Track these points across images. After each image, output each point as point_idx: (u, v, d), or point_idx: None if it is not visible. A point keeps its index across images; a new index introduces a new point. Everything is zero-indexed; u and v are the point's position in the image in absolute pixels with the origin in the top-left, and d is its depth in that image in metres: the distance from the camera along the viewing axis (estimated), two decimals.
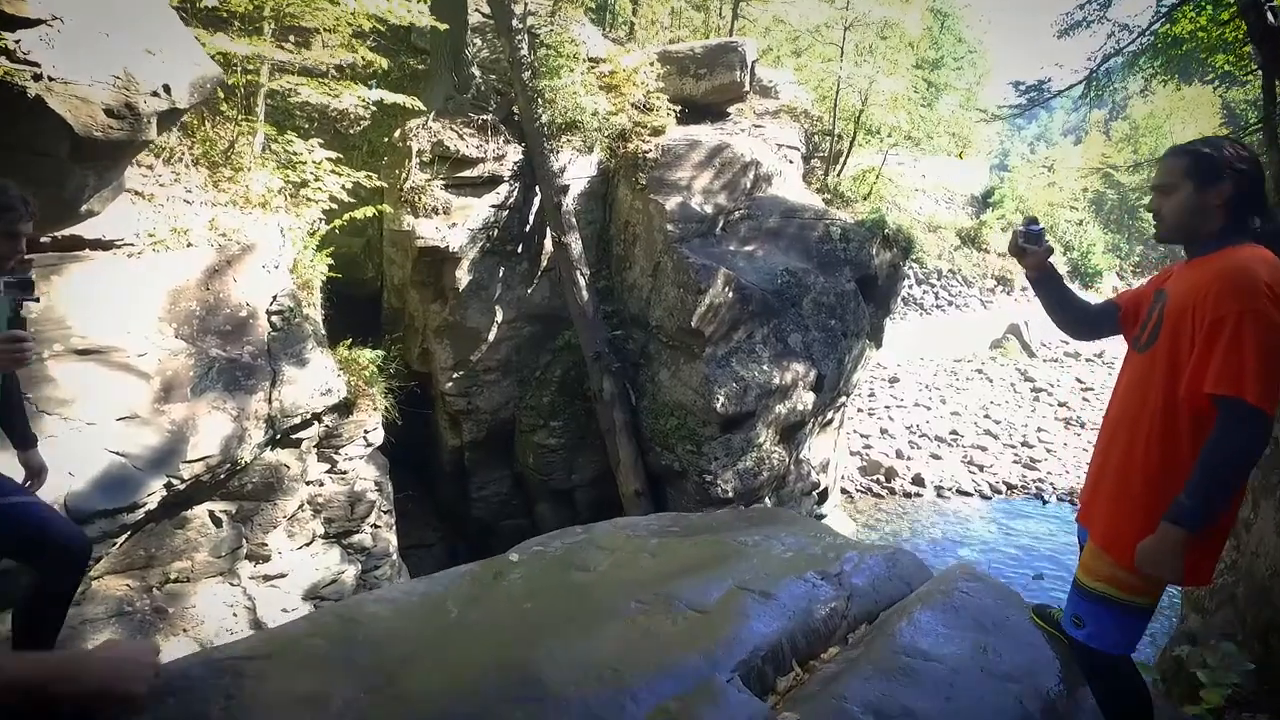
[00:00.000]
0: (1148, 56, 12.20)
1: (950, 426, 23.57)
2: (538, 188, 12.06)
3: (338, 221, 9.97)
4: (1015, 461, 21.70)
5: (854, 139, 17.06)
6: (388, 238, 11.85)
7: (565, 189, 11.87)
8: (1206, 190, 2.29)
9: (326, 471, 8.74)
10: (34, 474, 3.33)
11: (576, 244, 11.95)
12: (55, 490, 5.55)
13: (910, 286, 31.07)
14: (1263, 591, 8.04)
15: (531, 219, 12.36)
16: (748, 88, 14.94)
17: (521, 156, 11.95)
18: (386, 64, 12.81)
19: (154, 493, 6.53)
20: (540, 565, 2.87)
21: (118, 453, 6.38)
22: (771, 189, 13.54)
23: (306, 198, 9.09)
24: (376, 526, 9.43)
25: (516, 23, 11.77)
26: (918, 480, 20.14)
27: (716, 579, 2.65)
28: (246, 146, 9.16)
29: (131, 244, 6.93)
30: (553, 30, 12.75)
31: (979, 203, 38.05)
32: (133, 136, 5.21)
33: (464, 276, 11.79)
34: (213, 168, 8.60)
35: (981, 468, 21.11)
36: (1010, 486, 20.31)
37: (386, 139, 11.81)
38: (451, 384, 12.33)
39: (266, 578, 8.04)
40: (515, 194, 12.04)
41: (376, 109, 12.96)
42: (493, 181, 11.79)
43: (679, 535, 3.14)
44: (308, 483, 8.50)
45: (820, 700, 2.41)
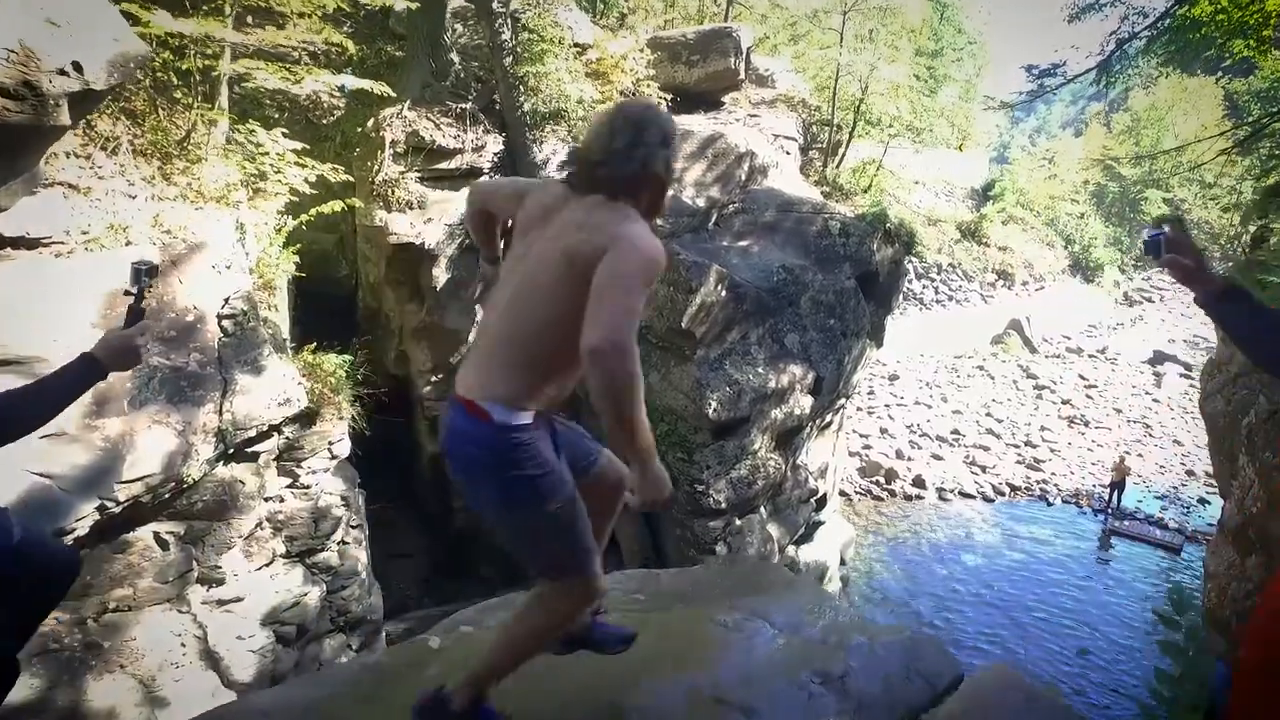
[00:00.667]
0: (1163, 42, 11.60)
1: (951, 425, 23.01)
2: None
3: (305, 217, 9.34)
4: (1018, 462, 21.15)
5: (854, 129, 16.43)
6: (361, 234, 11.23)
7: None
8: None
9: (287, 486, 8.11)
10: None
11: None
12: None
13: (910, 281, 30.42)
14: None
15: None
16: (742, 75, 14.30)
17: (502, 147, 11.31)
18: (355, 49, 12.16)
19: (84, 517, 5.91)
20: (464, 654, 2.28)
21: (41, 474, 5.74)
22: (767, 181, 12.93)
23: (266, 191, 8.44)
24: (344, 543, 8.82)
25: (498, 5, 11.13)
26: (918, 482, 19.58)
27: (685, 685, 2.06)
28: (207, 137, 8.53)
29: (61, 242, 6.31)
30: (536, 14, 12.08)
31: (979, 195, 37.40)
32: (38, 121, 4.59)
33: (442, 275, 11.16)
34: (165, 159, 7.96)
35: (984, 469, 20.56)
36: (1014, 488, 19.78)
37: (360, 129, 11.17)
38: (430, 388, 11.72)
39: (220, 602, 7.43)
40: None
41: (352, 98, 12.36)
42: (472, 174, 11.14)
43: (643, 607, 2.55)
44: (266, 499, 7.88)
45: None
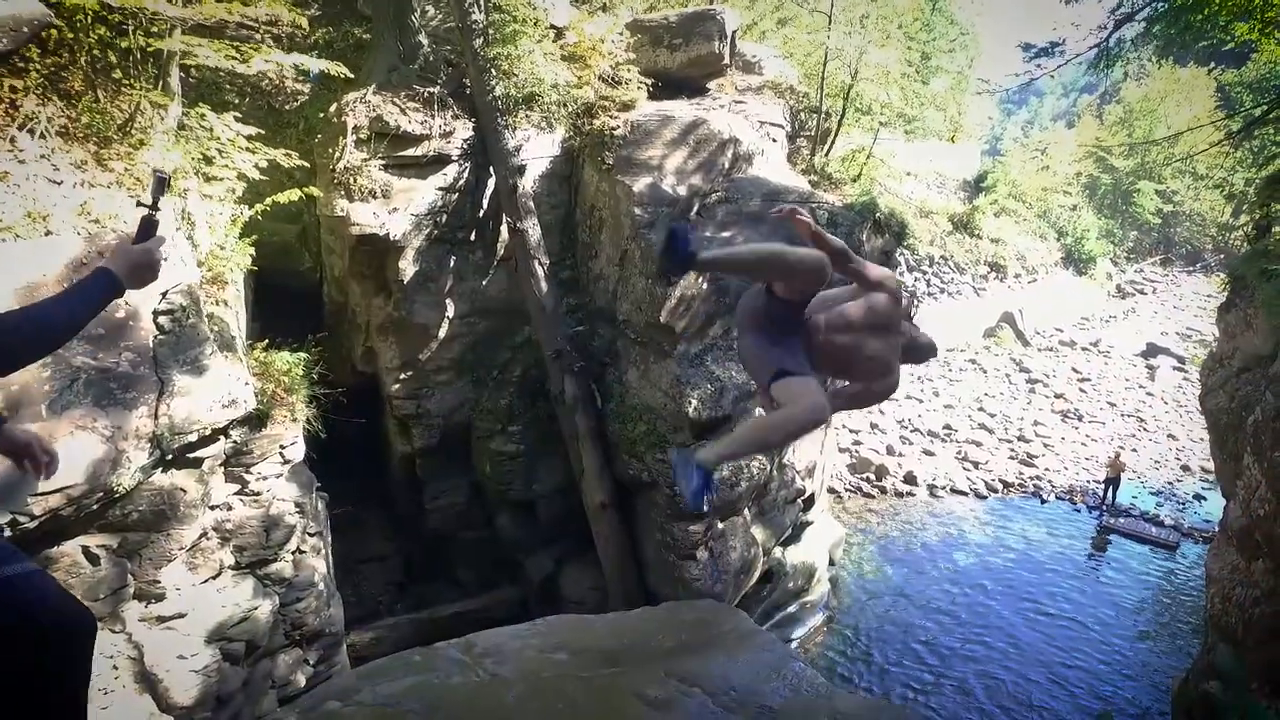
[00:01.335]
0: (1163, 24, 11.15)
1: (943, 420, 22.60)
2: (491, 168, 10.90)
3: (260, 206, 8.82)
4: (1011, 457, 20.75)
5: (843, 116, 15.93)
6: (324, 225, 10.69)
7: (521, 169, 10.72)
8: None
9: (236, 494, 7.61)
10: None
11: (534, 230, 10.81)
12: None
13: (901, 274, 29.98)
14: None
15: (485, 203, 11.21)
16: (727, 60, 13.76)
17: (472, 134, 10.77)
18: (320, 31, 11.65)
19: None
20: None
21: None
22: (752, 169, 12.40)
23: (210, 176, 7.90)
24: (300, 552, 8.32)
25: None
26: (910, 478, 19.16)
27: None
28: (154, 121, 7.98)
29: None
30: None
31: (971, 187, 36.92)
32: None
33: (409, 267, 10.64)
34: (104, 144, 7.41)
35: (976, 464, 20.15)
36: (1006, 484, 19.37)
37: (322, 114, 10.62)
38: (398, 386, 11.20)
39: (160, 619, 6.93)
40: (465, 175, 10.88)
41: (317, 82, 11.82)
42: (439, 161, 10.62)
43: (561, 671, 2.07)
44: (212, 507, 7.39)
45: None
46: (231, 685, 7.34)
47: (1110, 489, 18.37)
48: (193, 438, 6.79)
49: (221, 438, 7.22)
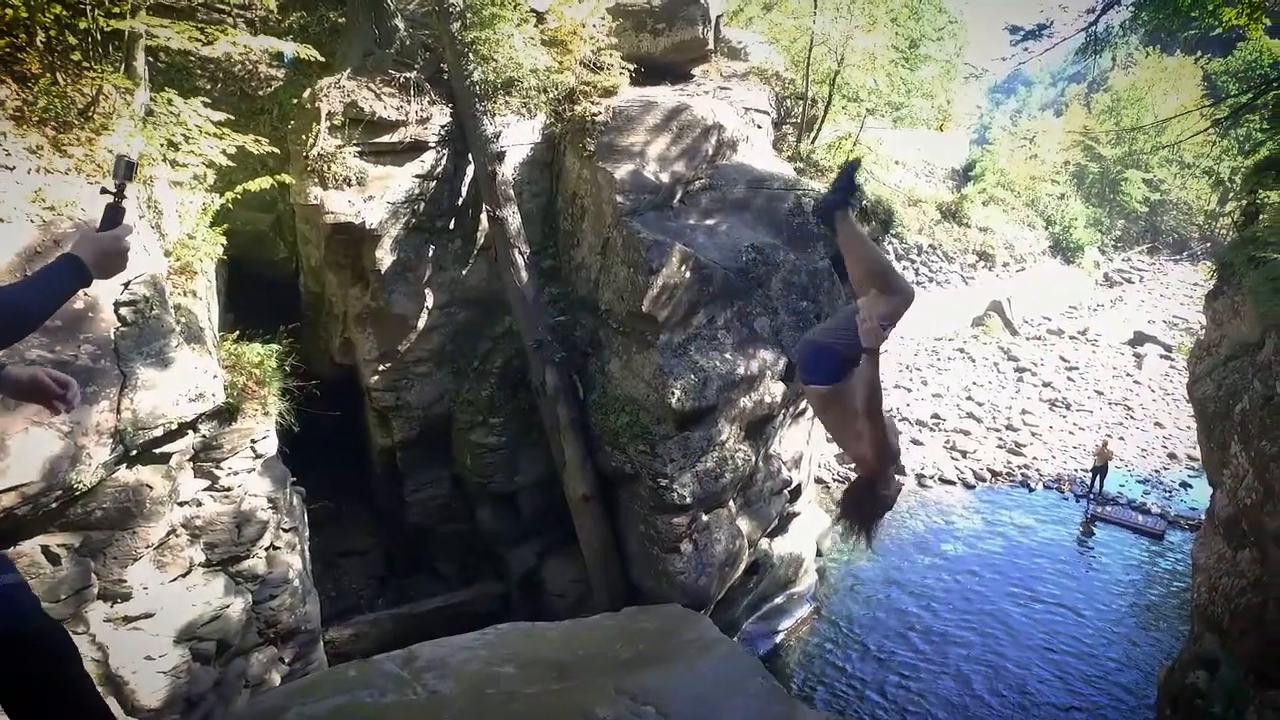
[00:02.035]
0: (1151, 9, 11.02)
1: (932, 409, 22.53)
2: (470, 155, 10.68)
3: (230, 194, 8.59)
4: (999, 446, 20.71)
5: (829, 102, 15.76)
6: (299, 213, 10.44)
7: (501, 156, 10.50)
8: None
9: (205, 489, 7.42)
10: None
11: (514, 218, 10.60)
12: None
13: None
14: None
15: (464, 191, 10.99)
16: (711, 45, 13.57)
17: (450, 120, 10.54)
18: (295, 15, 11.40)
19: None
20: None
21: None
22: (737, 156, 12.22)
23: (177, 163, 7.66)
24: (274, 549, 8.13)
25: None
26: (898, 469, 19.02)
27: None
28: (119, 105, 7.74)
29: None
30: None
31: (960, 176, 36.87)
32: None
33: (386, 257, 10.43)
34: (63, 128, 7.17)
35: (964, 453, 20.09)
36: (995, 474, 19.33)
37: (296, 100, 10.37)
38: (377, 377, 11.00)
39: (127, 619, 6.74)
40: (444, 162, 10.65)
41: (293, 68, 11.55)
42: (416, 148, 10.39)
43: (507, 687, 1.91)
44: (180, 504, 7.19)
45: None
46: (202, 686, 7.16)
47: (1097, 477, 18.35)
48: (158, 432, 6.58)
49: (190, 432, 7.02)
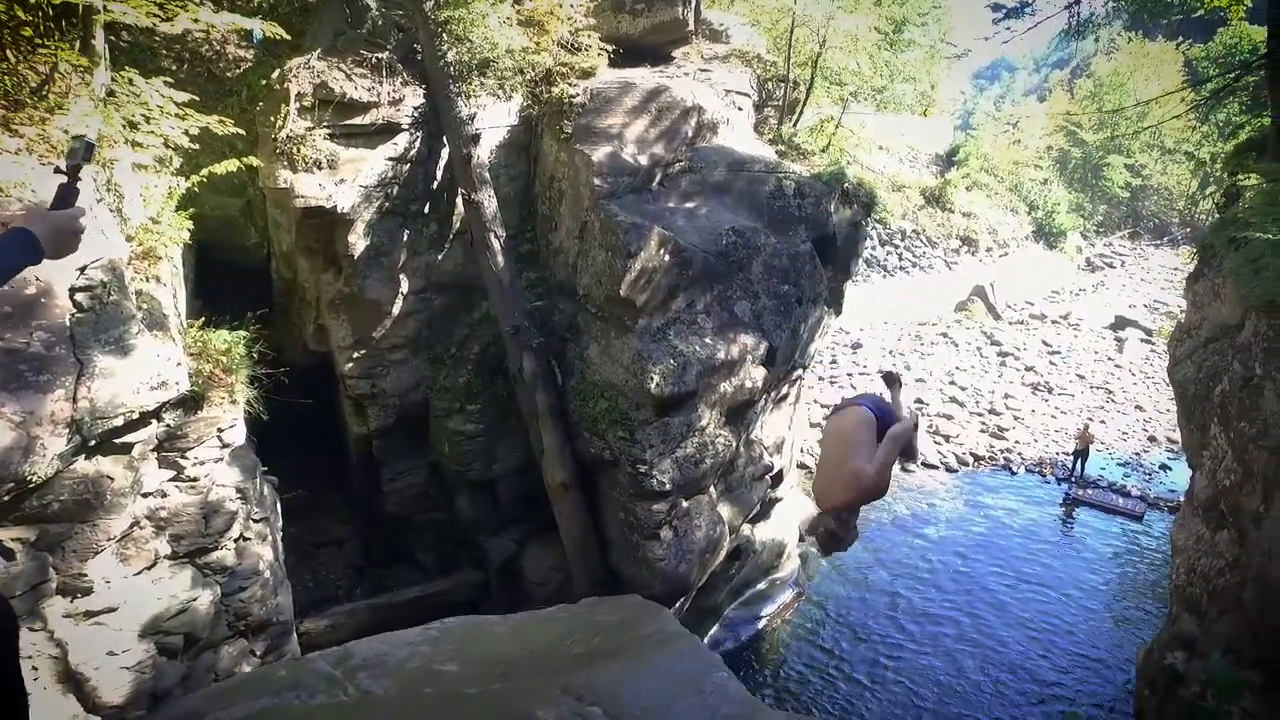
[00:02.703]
0: None
1: (915, 394, 22.51)
2: (444, 137, 10.46)
3: (196, 177, 8.36)
4: (982, 431, 20.75)
5: (811, 85, 15.56)
6: (269, 197, 10.19)
7: (476, 138, 10.28)
8: None
9: (170, 480, 7.23)
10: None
11: (490, 202, 10.40)
12: None
13: (873, 247, 29.84)
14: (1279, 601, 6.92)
15: (438, 174, 10.78)
16: (691, 26, 13.35)
17: (423, 101, 10.31)
18: None
19: None
20: None
21: None
22: (717, 139, 12.04)
23: (137, 143, 7.42)
24: (244, 540, 7.96)
25: None
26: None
27: None
28: (81, 84, 7.50)
29: None
30: None
31: (944, 161, 36.81)
32: None
33: (359, 241, 10.21)
34: (15, 107, 6.93)
35: (948, 438, 20.12)
36: (977, 458, 19.37)
37: (264, 81, 10.10)
38: (352, 364, 10.80)
39: (88, 614, 6.55)
40: (418, 145, 10.43)
41: (263, 49, 11.26)
42: (388, 130, 10.16)
43: (440, 687, 1.77)
44: (144, 495, 7.00)
45: None
46: (169, 680, 6.99)
47: (1079, 460, 18.42)
48: (118, 422, 6.38)
49: (152, 421, 6.82)
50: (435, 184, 10.81)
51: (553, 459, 10.32)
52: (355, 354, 10.77)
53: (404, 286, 10.76)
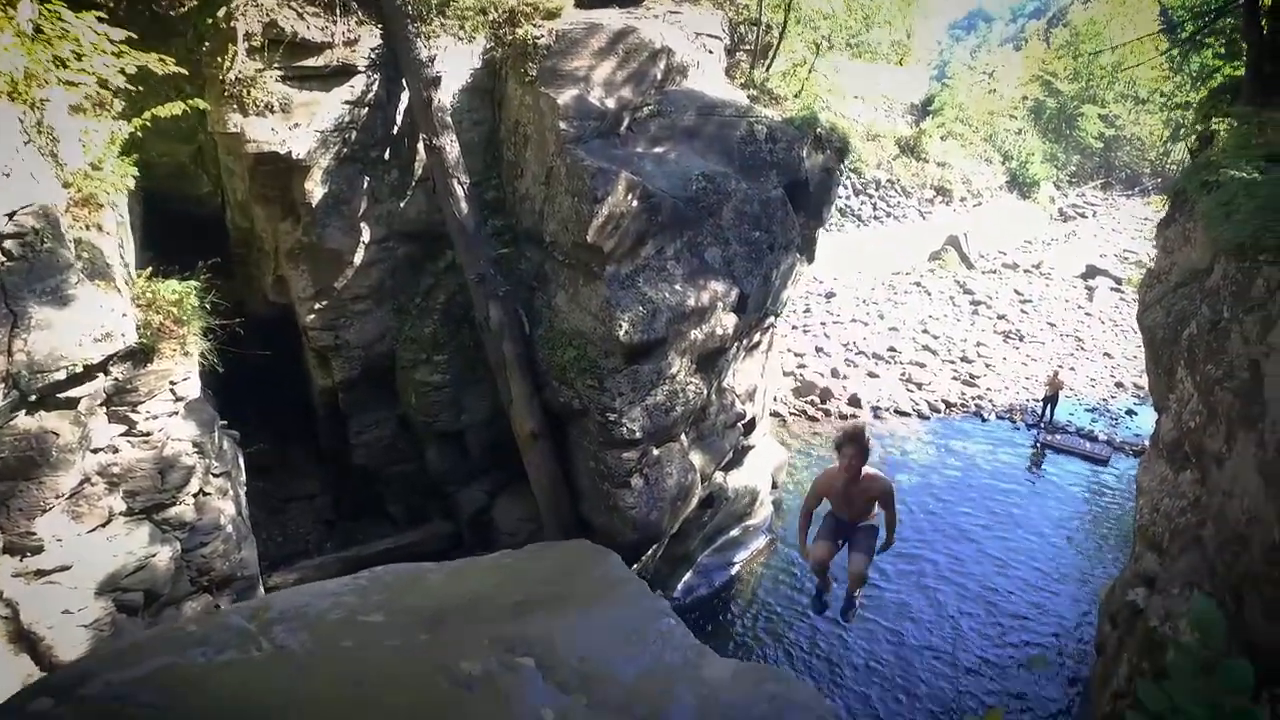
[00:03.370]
0: None
1: (888, 343, 22.61)
2: (404, 80, 10.07)
3: (138, 120, 7.96)
4: (954, 378, 20.89)
5: (784, 28, 15.19)
6: (220, 143, 9.78)
7: (436, 81, 9.91)
8: None
9: (122, 435, 7.01)
10: None
11: (452, 147, 10.08)
12: None
13: (847, 197, 29.64)
14: (1238, 539, 7.00)
15: (398, 119, 10.40)
16: None
17: (380, 42, 9.89)
18: None
19: None
20: None
21: None
22: (687, 82, 11.73)
23: (69, 82, 7.03)
24: (204, 494, 7.78)
25: None
26: (854, 401, 19.17)
27: None
28: (7, 21, 7.05)
29: None
30: None
31: (919, 111, 36.47)
32: None
33: (317, 189, 9.87)
34: None
35: (920, 385, 20.23)
36: (949, 404, 19.53)
37: (211, 20, 9.61)
38: (314, 316, 10.54)
39: (40, 573, 6.39)
40: (375, 88, 10.03)
41: None
42: (344, 72, 9.75)
43: (362, 639, 1.65)
44: (95, 451, 6.78)
45: None
46: (129, 638, 6.86)
47: (1048, 407, 18.62)
48: (60, 376, 6.14)
49: (99, 375, 6.58)
50: (395, 129, 10.45)
51: (521, 409, 10.18)
52: (317, 305, 10.49)
53: (365, 235, 10.45)
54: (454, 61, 10.67)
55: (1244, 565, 6.34)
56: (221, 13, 9.38)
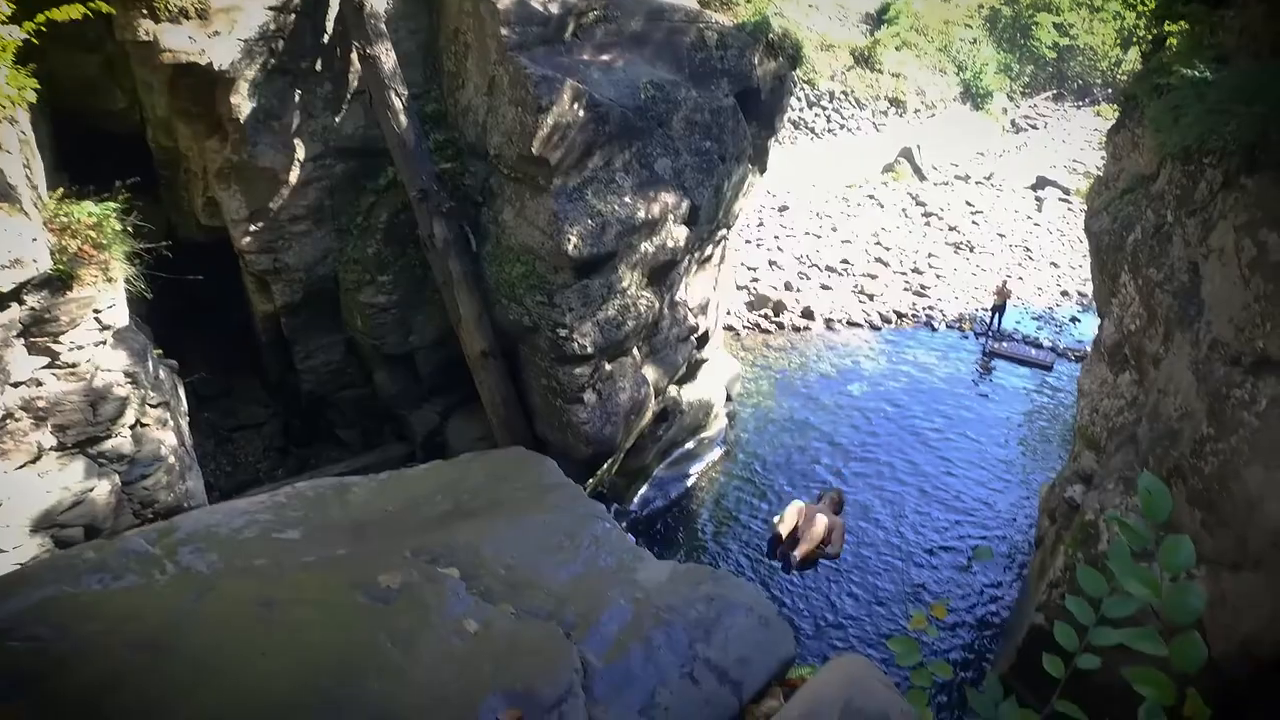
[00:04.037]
0: None
1: (841, 255, 22.64)
2: None
3: (29, 25, 7.30)
4: (905, 289, 21.08)
5: None
6: (133, 54, 9.10)
7: None
8: None
9: (45, 367, 6.68)
10: None
11: (388, 57, 9.54)
12: None
13: (801, 110, 29.11)
14: (1170, 435, 7.24)
15: (329, 27, 9.78)
16: None
17: None
18: None
19: None
20: None
21: None
22: None
23: None
24: (142, 425, 7.54)
25: None
26: (807, 313, 19.26)
27: None
28: None
29: None
30: None
31: (874, 20, 35.63)
32: None
33: (244, 103, 9.30)
34: None
35: (872, 296, 20.39)
36: (900, 315, 19.75)
37: None
38: (249, 239, 10.10)
39: None
40: None
41: None
42: None
43: (275, 558, 1.54)
44: (15, 385, 6.47)
45: None
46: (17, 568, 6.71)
47: (996, 315, 18.95)
48: None
49: (11, 304, 6.22)
50: (326, 38, 9.84)
51: (471, 328, 10.00)
52: (252, 227, 10.05)
53: (300, 153, 9.95)
54: None
55: (1173, 459, 6.56)
56: None
